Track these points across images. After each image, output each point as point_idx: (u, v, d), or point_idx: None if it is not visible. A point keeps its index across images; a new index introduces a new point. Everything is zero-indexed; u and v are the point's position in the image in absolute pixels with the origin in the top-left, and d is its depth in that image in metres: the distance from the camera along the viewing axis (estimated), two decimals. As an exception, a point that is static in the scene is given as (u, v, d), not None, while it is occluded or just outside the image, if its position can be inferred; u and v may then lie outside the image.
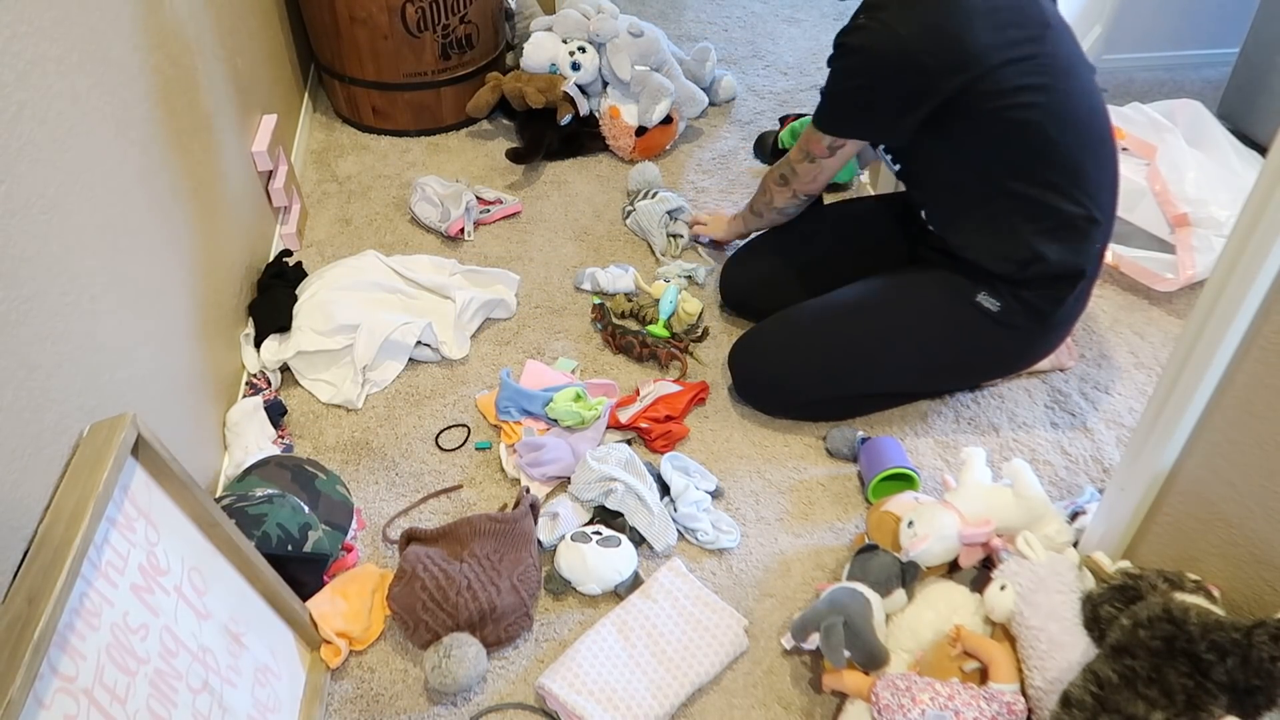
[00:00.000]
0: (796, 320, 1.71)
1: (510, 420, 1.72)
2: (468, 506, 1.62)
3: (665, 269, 2.04)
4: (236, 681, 1.18)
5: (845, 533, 1.59)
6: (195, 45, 1.72)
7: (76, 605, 0.96)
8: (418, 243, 2.16)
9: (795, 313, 1.72)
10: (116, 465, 1.03)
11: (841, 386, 1.69)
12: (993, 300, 1.56)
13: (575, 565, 1.46)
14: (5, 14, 1.07)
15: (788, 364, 1.68)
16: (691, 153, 2.45)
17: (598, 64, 2.37)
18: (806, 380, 1.68)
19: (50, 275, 1.11)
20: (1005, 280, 1.55)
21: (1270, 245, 0.94)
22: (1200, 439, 1.13)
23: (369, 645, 1.43)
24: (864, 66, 1.47)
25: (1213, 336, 1.03)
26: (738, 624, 1.42)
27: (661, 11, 3.03)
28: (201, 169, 1.68)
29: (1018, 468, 1.39)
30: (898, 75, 1.43)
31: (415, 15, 2.28)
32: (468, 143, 2.49)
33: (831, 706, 1.36)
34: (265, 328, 1.81)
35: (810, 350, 1.67)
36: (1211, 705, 1.01)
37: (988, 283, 1.56)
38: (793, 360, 1.68)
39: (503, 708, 1.36)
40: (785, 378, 1.69)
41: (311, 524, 1.42)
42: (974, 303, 1.57)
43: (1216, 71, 2.71)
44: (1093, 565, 1.23)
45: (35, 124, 1.11)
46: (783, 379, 1.70)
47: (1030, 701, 1.18)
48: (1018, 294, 1.55)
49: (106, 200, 1.29)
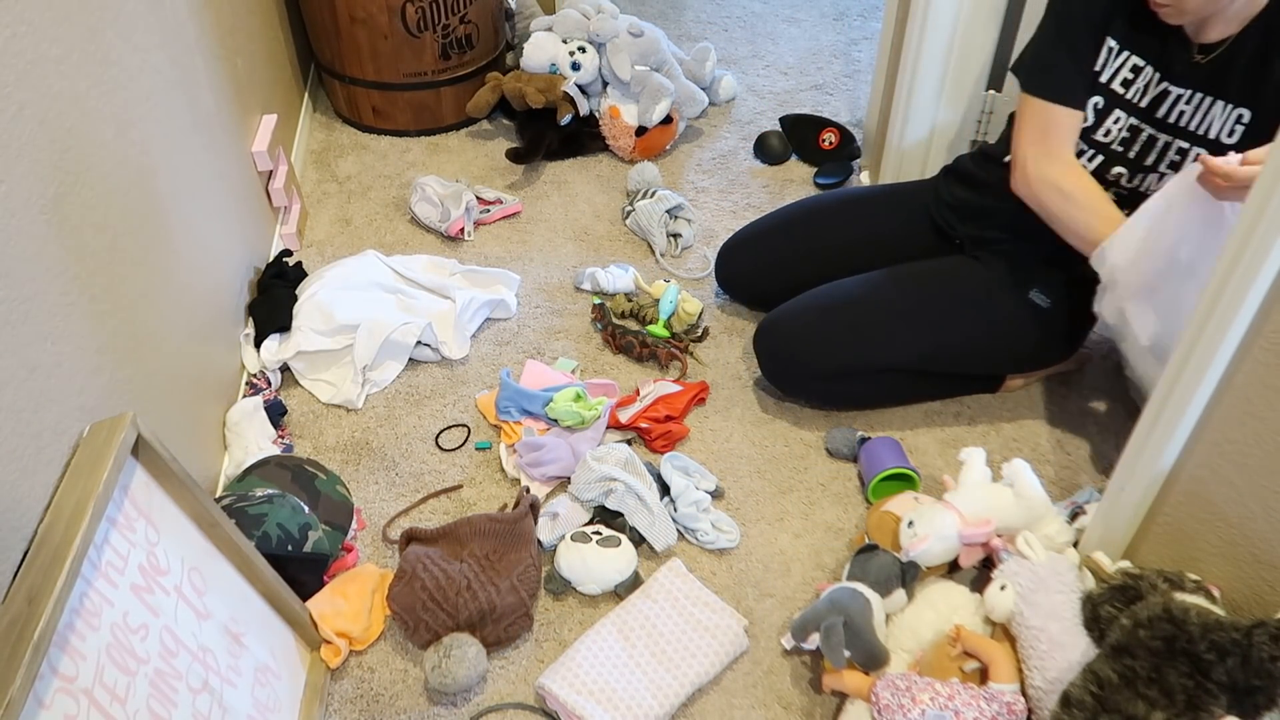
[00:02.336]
0: (824, 294, 1.68)
1: (510, 420, 1.72)
2: (468, 506, 1.62)
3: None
4: (236, 681, 1.19)
5: (845, 533, 1.59)
6: (195, 45, 1.72)
7: (76, 605, 0.96)
8: (418, 243, 2.16)
9: (820, 290, 1.69)
10: (116, 465, 1.03)
11: (871, 355, 1.64)
12: (1044, 297, 1.55)
13: (575, 565, 1.46)
14: (5, 14, 1.07)
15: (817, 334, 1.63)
16: (691, 153, 2.45)
17: (598, 64, 2.37)
18: (835, 351, 1.63)
19: (50, 275, 1.11)
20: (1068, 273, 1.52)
21: (1270, 245, 0.94)
22: (1200, 439, 1.13)
23: (369, 645, 1.43)
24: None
25: (1213, 336, 1.03)
26: (738, 624, 1.42)
27: (661, 11, 3.03)
28: (201, 169, 1.68)
29: (1018, 468, 1.39)
30: None
31: (415, 15, 2.28)
32: (468, 143, 2.49)
33: (831, 706, 1.36)
34: (265, 328, 1.81)
35: (848, 315, 1.63)
36: (1211, 705, 1.01)
37: (1043, 279, 1.54)
38: (821, 331, 1.63)
39: (503, 708, 1.36)
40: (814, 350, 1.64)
41: (311, 524, 1.42)
42: (1026, 299, 1.56)
43: (1216, 71, 2.71)
44: (1093, 565, 1.23)
45: (35, 124, 1.11)
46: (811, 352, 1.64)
47: (1030, 701, 1.18)
48: (1071, 292, 1.53)
49: (106, 200, 1.29)
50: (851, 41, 2.88)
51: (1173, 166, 1.44)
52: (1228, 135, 1.38)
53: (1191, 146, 1.42)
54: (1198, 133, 1.41)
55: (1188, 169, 1.28)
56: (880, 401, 1.76)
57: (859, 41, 2.88)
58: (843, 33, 2.92)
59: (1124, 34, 1.42)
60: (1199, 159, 1.24)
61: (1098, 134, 1.49)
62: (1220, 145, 1.39)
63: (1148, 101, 1.44)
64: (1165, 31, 1.38)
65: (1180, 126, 1.43)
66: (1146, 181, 1.50)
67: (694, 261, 2.12)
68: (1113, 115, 1.47)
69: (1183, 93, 1.40)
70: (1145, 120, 1.45)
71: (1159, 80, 1.42)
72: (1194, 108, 1.40)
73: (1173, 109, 1.42)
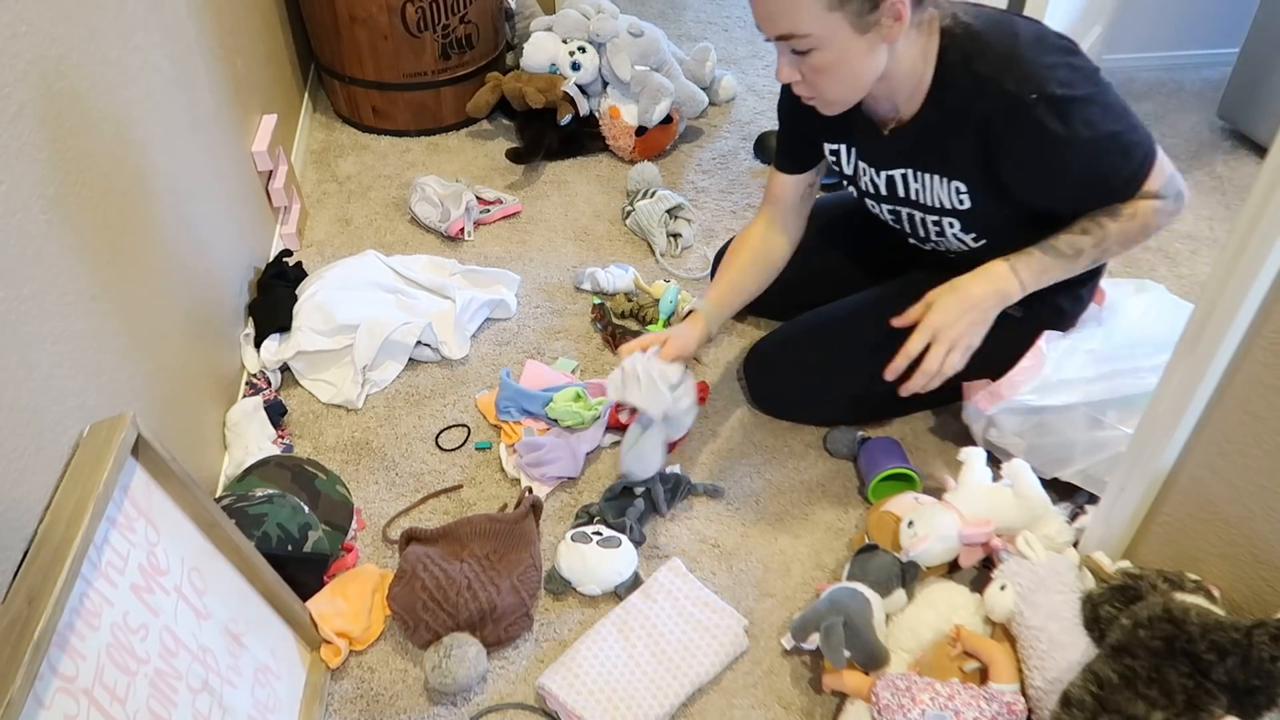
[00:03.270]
0: (813, 323, 1.71)
1: (510, 420, 1.72)
2: (468, 506, 1.62)
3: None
4: (236, 681, 1.19)
5: (845, 533, 1.59)
6: (195, 45, 1.72)
7: (76, 605, 0.96)
8: (418, 243, 2.16)
9: (809, 317, 1.72)
10: (116, 465, 1.03)
11: (860, 388, 1.67)
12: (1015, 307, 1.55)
13: (575, 565, 1.46)
14: (5, 14, 1.07)
15: (806, 366, 1.67)
16: (691, 153, 2.45)
17: (598, 64, 2.37)
18: (824, 383, 1.67)
19: (50, 275, 1.11)
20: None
21: (1270, 245, 0.94)
22: (1200, 439, 1.13)
23: (369, 645, 1.43)
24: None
25: (1213, 336, 1.03)
26: (738, 624, 1.42)
27: (661, 11, 3.03)
28: (201, 169, 1.68)
29: (1018, 468, 1.39)
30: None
31: (415, 15, 2.28)
32: (468, 143, 2.49)
33: (831, 706, 1.36)
34: (265, 328, 1.81)
35: (829, 351, 1.66)
36: (1211, 705, 1.01)
37: None
38: (811, 362, 1.67)
39: (503, 708, 1.36)
40: (803, 381, 1.68)
41: (311, 524, 1.42)
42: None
43: (1216, 71, 2.71)
44: (1093, 565, 1.23)
45: (35, 124, 1.11)
46: (801, 383, 1.69)
47: (1030, 701, 1.18)
48: (1043, 296, 1.54)
49: (106, 200, 1.29)
50: (851, 41, 2.88)
51: (938, 234, 1.54)
52: (960, 204, 1.46)
53: (941, 216, 1.50)
54: (936, 206, 1.49)
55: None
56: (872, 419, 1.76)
57: (859, 41, 2.88)
58: (843, 33, 2.92)
59: (830, 131, 1.54)
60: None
61: (880, 220, 1.63)
62: (961, 211, 1.46)
63: (884, 189, 1.54)
64: (855, 121, 1.47)
65: (921, 204, 1.51)
66: (926, 245, 1.60)
67: (694, 261, 2.12)
68: (869, 202, 1.60)
69: (903, 173, 1.49)
70: (896, 203, 1.55)
71: (875, 169, 1.52)
72: (924, 186, 1.48)
73: (907, 188, 1.51)
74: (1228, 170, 2.38)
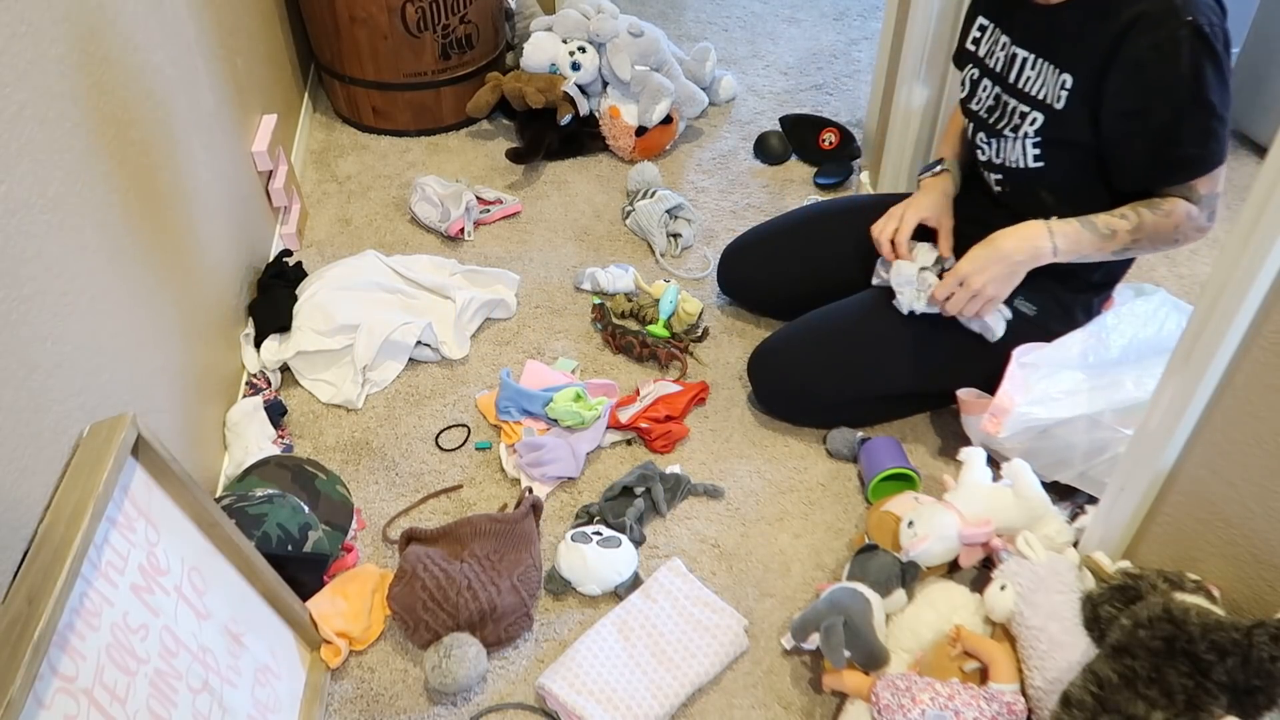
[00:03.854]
0: (818, 323, 1.70)
1: (510, 420, 1.72)
2: (468, 506, 1.62)
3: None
4: (236, 681, 1.18)
5: (845, 533, 1.59)
6: (195, 45, 1.72)
7: (76, 605, 0.96)
8: (418, 243, 2.16)
9: (815, 317, 1.71)
10: (116, 465, 1.03)
11: (865, 387, 1.67)
12: (1029, 304, 1.55)
13: (575, 565, 1.46)
14: (5, 14, 1.07)
15: (812, 365, 1.67)
16: (691, 153, 2.45)
17: (598, 64, 2.37)
18: (830, 383, 1.66)
19: (50, 275, 1.11)
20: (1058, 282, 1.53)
21: (1270, 245, 0.94)
22: (1200, 439, 1.13)
23: (369, 645, 1.43)
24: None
25: (1213, 336, 1.03)
26: (738, 624, 1.42)
27: (661, 11, 3.03)
28: (202, 169, 1.68)
29: (1018, 468, 1.39)
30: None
31: (415, 15, 2.28)
32: (468, 143, 2.49)
33: (831, 706, 1.36)
34: (265, 328, 1.81)
35: (834, 351, 1.66)
36: (1211, 705, 1.01)
37: (1029, 285, 1.52)
38: (817, 361, 1.66)
39: (503, 708, 1.36)
40: (808, 381, 1.68)
41: (311, 524, 1.42)
42: (1013, 307, 1.56)
43: (1216, 71, 2.71)
44: (1093, 565, 1.23)
45: (35, 124, 1.11)
46: (806, 383, 1.68)
47: (1030, 701, 1.18)
48: (1059, 297, 1.53)
49: (106, 200, 1.29)
50: (851, 41, 2.88)
51: (1013, 130, 1.51)
52: (1057, 101, 1.44)
53: (1031, 110, 1.48)
54: (1036, 97, 1.48)
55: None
56: (876, 421, 1.76)
57: (859, 41, 2.88)
58: (843, 33, 2.92)
59: (987, 6, 1.56)
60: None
61: (972, 104, 1.60)
62: (1052, 110, 1.45)
63: (1002, 67, 1.53)
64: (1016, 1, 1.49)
65: (1024, 91, 1.49)
66: (990, 151, 1.58)
67: (694, 261, 2.12)
68: (982, 84, 1.57)
69: (1026, 56, 1.48)
70: (1003, 87, 1.53)
71: (1008, 43, 1.51)
72: (1036, 73, 1.47)
73: (1020, 73, 1.50)
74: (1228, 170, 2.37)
